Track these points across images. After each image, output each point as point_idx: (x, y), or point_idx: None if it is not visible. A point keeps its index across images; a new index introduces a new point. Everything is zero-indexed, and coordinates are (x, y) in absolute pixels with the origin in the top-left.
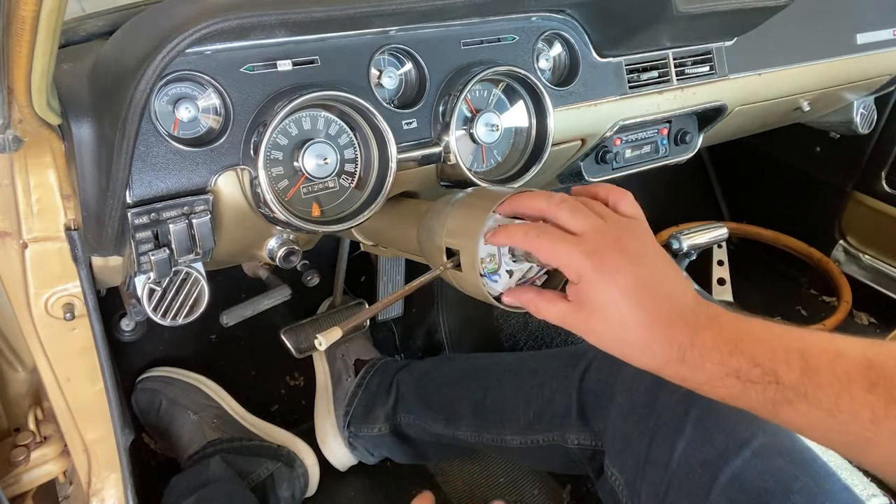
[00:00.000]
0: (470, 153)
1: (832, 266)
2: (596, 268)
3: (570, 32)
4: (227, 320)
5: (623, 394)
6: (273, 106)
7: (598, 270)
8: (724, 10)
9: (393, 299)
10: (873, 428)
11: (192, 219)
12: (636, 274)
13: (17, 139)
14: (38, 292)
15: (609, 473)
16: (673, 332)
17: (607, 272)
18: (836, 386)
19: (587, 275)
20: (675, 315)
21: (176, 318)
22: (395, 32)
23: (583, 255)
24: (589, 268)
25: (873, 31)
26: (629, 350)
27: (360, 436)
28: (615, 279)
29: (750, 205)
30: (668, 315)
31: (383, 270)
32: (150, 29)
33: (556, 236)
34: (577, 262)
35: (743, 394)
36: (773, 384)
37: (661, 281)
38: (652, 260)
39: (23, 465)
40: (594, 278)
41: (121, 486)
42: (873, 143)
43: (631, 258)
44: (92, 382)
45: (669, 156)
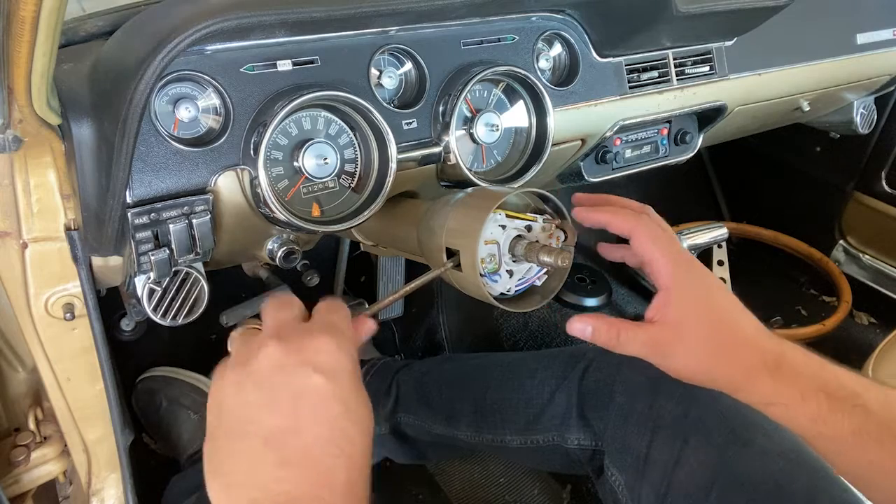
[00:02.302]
0: (470, 153)
1: (832, 266)
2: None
3: (570, 32)
4: (227, 320)
5: (623, 394)
6: (273, 106)
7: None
8: (724, 10)
9: (393, 299)
10: None
11: (192, 219)
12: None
13: (17, 139)
14: (38, 292)
15: (609, 473)
16: (761, 344)
17: (700, 282)
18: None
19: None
20: (758, 330)
21: (176, 318)
22: (395, 32)
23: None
24: (683, 274)
25: (873, 31)
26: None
27: None
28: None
29: (750, 205)
30: (754, 329)
31: (383, 270)
32: (150, 29)
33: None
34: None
35: (828, 416)
36: (859, 408)
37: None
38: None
39: (23, 465)
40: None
41: (121, 486)
42: (873, 143)
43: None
44: (92, 382)
45: (669, 156)
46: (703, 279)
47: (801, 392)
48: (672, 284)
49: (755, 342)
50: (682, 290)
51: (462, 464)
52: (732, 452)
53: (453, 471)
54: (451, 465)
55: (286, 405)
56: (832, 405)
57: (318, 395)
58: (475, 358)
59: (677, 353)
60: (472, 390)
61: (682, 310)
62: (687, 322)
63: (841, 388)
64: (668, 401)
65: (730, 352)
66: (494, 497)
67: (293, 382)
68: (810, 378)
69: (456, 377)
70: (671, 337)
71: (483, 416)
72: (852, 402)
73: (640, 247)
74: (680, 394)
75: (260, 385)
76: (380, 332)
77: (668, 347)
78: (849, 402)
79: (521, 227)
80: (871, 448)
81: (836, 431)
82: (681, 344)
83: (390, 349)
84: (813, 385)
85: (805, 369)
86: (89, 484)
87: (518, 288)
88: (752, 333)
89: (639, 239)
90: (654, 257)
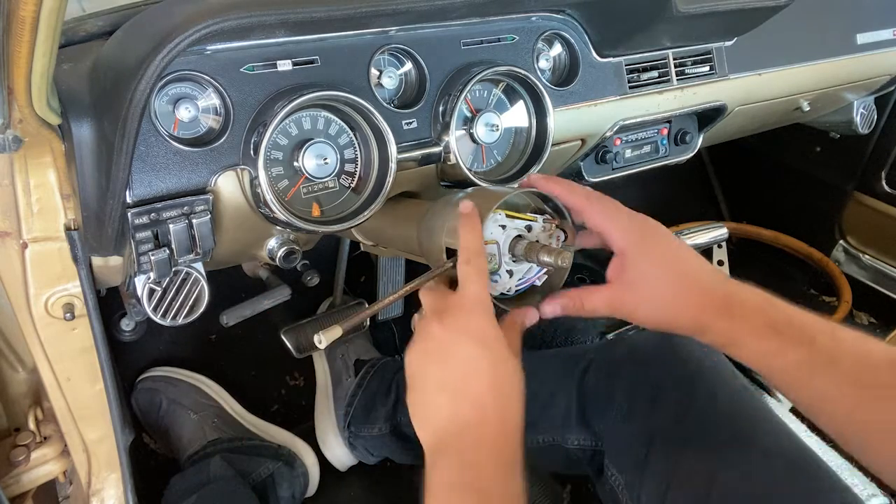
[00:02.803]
0: (470, 153)
1: (832, 266)
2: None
3: (570, 32)
4: (227, 320)
5: (623, 394)
6: (273, 106)
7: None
8: (724, 10)
9: (393, 299)
10: None
11: (192, 219)
12: (674, 250)
13: (17, 139)
14: (38, 292)
15: (609, 474)
16: (713, 290)
17: (651, 244)
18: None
19: (633, 246)
20: (711, 279)
21: (176, 318)
22: (395, 32)
23: (630, 229)
24: (635, 239)
25: (873, 31)
26: (676, 313)
27: (360, 436)
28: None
29: (750, 205)
30: (707, 279)
31: (383, 270)
32: (150, 29)
33: (611, 207)
34: (625, 234)
35: (778, 351)
36: (806, 342)
37: (693, 257)
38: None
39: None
40: (639, 250)
41: (121, 486)
42: (873, 143)
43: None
44: (92, 382)
45: (669, 156)
46: (656, 238)
47: (752, 329)
48: (625, 248)
49: (708, 287)
50: (635, 251)
51: None
52: (732, 452)
53: None
54: None
55: (452, 364)
56: (781, 340)
57: (473, 355)
58: None
59: (638, 307)
60: None
61: (637, 269)
62: (643, 279)
63: (789, 325)
64: (668, 401)
65: (686, 299)
66: None
67: (456, 351)
68: (759, 315)
69: None
70: (629, 294)
71: None
72: (799, 337)
73: (591, 219)
74: (680, 394)
75: (432, 357)
76: (380, 332)
77: (629, 304)
78: (796, 337)
79: (521, 227)
80: (817, 378)
81: (785, 364)
82: (640, 298)
83: (390, 349)
84: (762, 321)
85: (754, 307)
86: (89, 484)
87: (518, 288)
88: (705, 280)
89: (590, 213)
90: (606, 226)
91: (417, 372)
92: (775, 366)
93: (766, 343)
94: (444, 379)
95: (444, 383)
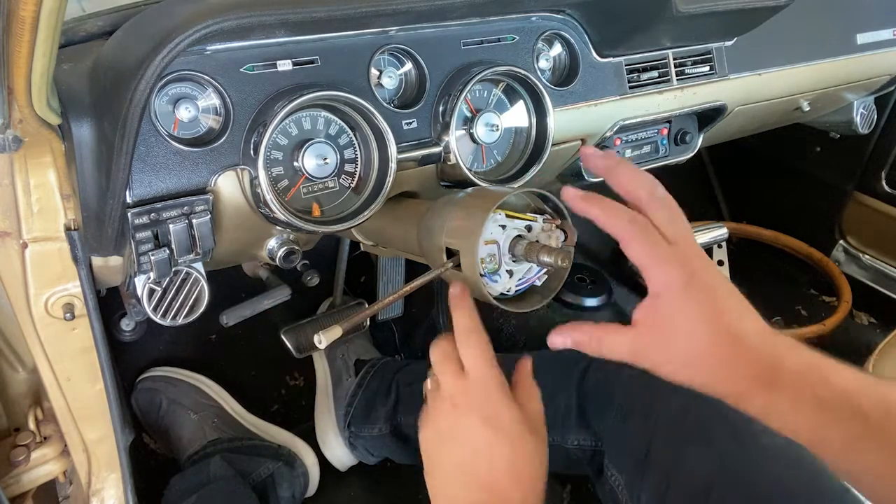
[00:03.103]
0: (470, 153)
1: (832, 266)
2: (685, 281)
3: (570, 32)
4: (227, 320)
5: (623, 394)
6: (273, 106)
7: (686, 285)
8: (724, 10)
9: (393, 299)
10: None
11: (192, 219)
12: (721, 297)
13: (17, 139)
14: (38, 292)
15: (609, 474)
16: (756, 356)
17: (696, 288)
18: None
19: (674, 288)
20: (756, 338)
21: (176, 318)
22: (395, 32)
23: (674, 266)
24: (677, 280)
25: (873, 31)
26: (710, 377)
27: (360, 436)
28: (703, 297)
29: (750, 205)
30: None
31: (383, 270)
32: (150, 29)
33: (654, 238)
34: (665, 272)
35: (825, 427)
36: (859, 418)
37: (741, 307)
38: (730, 288)
39: (23, 465)
40: (681, 294)
41: (121, 486)
42: (873, 143)
43: (716, 277)
44: (92, 382)
45: (669, 156)
46: (702, 283)
47: (794, 403)
48: (663, 291)
49: (753, 351)
50: (674, 296)
51: None
52: (732, 452)
53: None
54: None
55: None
56: (824, 416)
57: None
58: None
59: (666, 361)
60: None
61: (673, 317)
62: (677, 329)
63: (835, 397)
64: (668, 401)
65: (723, 361)
66: None
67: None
68: (803, 388)
69: None
70: (658, 345)
71: None
72: (847, 412)
73: (629, 252)
74: (680, 394)
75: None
76: (380, 332)
77: (654, 356)
78: (843, 412)
79: (521, 227)
80: (866, 455)
81: (830, 440)
82: (670, 352)
83: (390, 349)
84: (806, 395)
85: (799, 378)
86: (89, 484)
87: (518, 288)
88: (752, 341)
89: (628, 245)
90: (643, 264)
91: (433, 454)
92: (818, 441)
93: (808, 419)
94: (460, 464)
95: (460, 469)
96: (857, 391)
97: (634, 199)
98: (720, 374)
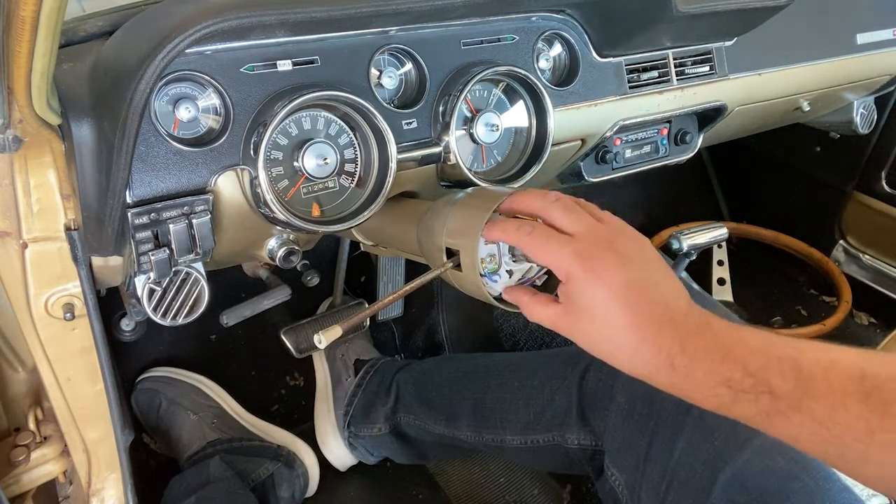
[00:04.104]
0: (470, 153)
1: (832, 266)
2: (584, 267)
3: (570, 32)
4: (227, 320)
5: (623, 394)
6: (273, 106)
7: (586, 269)
8: (724, 10)
9: (393, 299)
10: (867, 440)
11: (192, 219)
12: (626, 276)
13: (17, 139)
14: (38, 292)
15: (609, 473)
16: (662, 336)
17: (596, 272)
18: (831, 397)
19: (575, 274)
20: (664, 319)
21: (176, 318)
22: (395, 32)
23: (572, 254)
24: (577, 267)
25: (873, 31)
26: (618, 354)
27: (360, 436)
28: (603, 279)
29: (750, 205)
30: (658, 319)
31: (383, 270)
32: (150, 29)
33: (546, 235)
34: (566, 262)
35: (735, 404)
36: (766, 395)
37: (653, 284)
38: (645, 263)
39: (23, 465)
40: (582, 278)
41: (121, 486)
42: (873, 143)
43: (622, 260)
44: (92, 382)
45: (669, 156)
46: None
47: (699, 388)
48: (567, 280)
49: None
50: (578, 283)
51: (462, 464)
52: (732, 452)
53: (453, 471)
54: (451, 465)
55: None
56: (735, 397)
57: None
58: (475, 358)
59: (586, 338)
60: (472, 390)
61: (582, 299)
62: (590, 309)
63: (744, 379)
64: (669, 400)
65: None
66: (494, 497)
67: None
68: (710, 373)
69: (456, 377)
70: (576, 323)
71: (483, 416)
72: (756, 391)
73: (533, 257)
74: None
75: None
76: (380, 332)
77: (571, 331)
78: (752, 391)
79: None
80: (780, 425)
81: (744, 415)
82: (588, 329)
83: (390, 349)
84: (713, 380)
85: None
86: (89, 484)
87: None
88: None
89: (526, 249)
90: (543, 260)
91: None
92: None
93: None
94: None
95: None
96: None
97: (531, 210)
98: (626, 354)
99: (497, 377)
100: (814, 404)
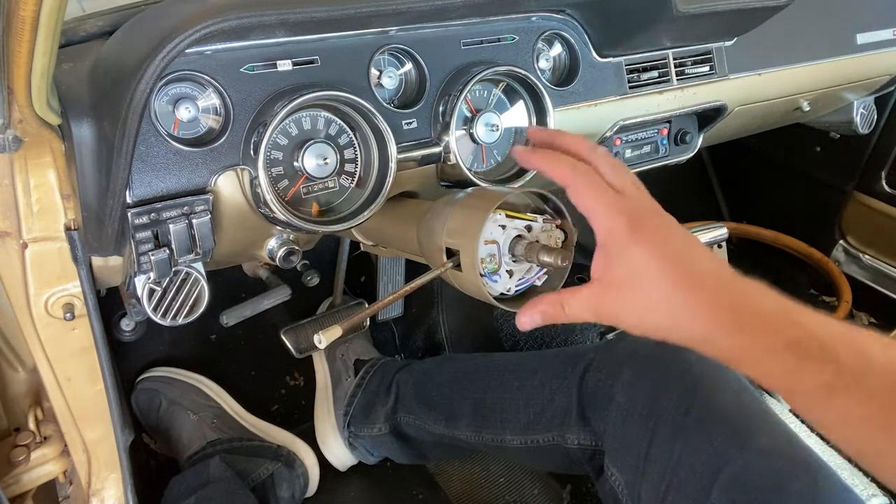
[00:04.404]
0: (470, 153)
1: (832, 266)
2: (631, 226)
3: (570, 32)
4: (227, 320)
5: (623, 394)
6: (273, 106)
7: (633, 229)
8: (724, 10)
9: (393, 299)
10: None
11: (192, 219)
12: (673, 241)
13: (17, 139)
14: (38, 292)
15: (609, 473)
16: (722, 293)
17: (645, 231)
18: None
19: (619, 233)
20: (721, 279)
21: (176, 318)
22: (395, 32)
23: (621, 211)
24: (623, 226)
25: (873, 31)
26: (670, 320)
27: (360, 436)
28: (649, 240)
29: (750, 205)
30: (714, 278)
31: (383, 270)
32: (150, 29)
33: (599, 183)
34: (611, 218)
35: (798, 373)
36: (832, 364)
37: (700, 252)
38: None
39: (23, 465)
40: (627, 238)
41: (121, 486)
42: (873, 143)
43: (669, 224)
44: (92, 382)
45: (669, 156)
46: (650, 223)
47: (766, 349)
48: (608, 239)
49: (716, 294)
50: (621, 240)
51: (462, 464)
52: (732, 452)
53: (453, 471)
54: (451, 465)
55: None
56: (801, 363)
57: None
58: (475, 358)
59: (625, 310)
60: (472, 390)
61: (624, 263)
62: (631, 276)
63: (811, 342)
64: (669, 401)
65: (684, 303)
66: (494, 497)
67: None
68: (777, 331)
69: (456, 377)
70: (614, 295)
71: (483, 417)
72: (822, 358)
73: (574, 198)
74: (680, 393)
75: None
76: (380, 332)
77: (612, 307)
78: (818, 358)
79: (521, 227)
80: (839, 404)
81: (806, 387)
82: (626, 301)
83: (390, 349)
84: (780, 339)
85: (772, 321)
86: (89, 484)
87: (518, 288)
88: (712, 283)
89: (573, 190)
90: (588, 208)
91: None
92: (795, 389)
93: (783, 365)
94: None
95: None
96: (833, 339)
97: (577, 152)
98: (682, 317)
99: (497, 377)
100: (875, 381)
